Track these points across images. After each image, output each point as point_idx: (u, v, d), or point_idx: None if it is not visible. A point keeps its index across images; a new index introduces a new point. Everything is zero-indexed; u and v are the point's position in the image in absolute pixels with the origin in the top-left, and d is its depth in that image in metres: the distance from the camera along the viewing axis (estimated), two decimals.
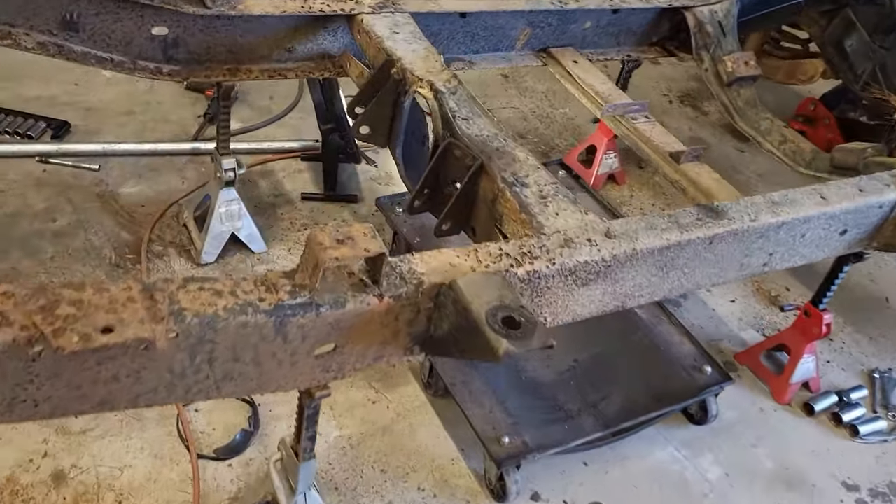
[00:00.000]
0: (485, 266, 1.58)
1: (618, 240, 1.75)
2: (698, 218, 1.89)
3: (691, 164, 2.45)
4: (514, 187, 1.83)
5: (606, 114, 2.60)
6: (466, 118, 1.98)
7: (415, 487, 2.11)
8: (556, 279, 1.67)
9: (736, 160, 3.92)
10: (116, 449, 2.07)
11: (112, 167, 2.96)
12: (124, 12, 2.12)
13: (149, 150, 3.01)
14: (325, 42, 2.47)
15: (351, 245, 1.38)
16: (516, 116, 3.86)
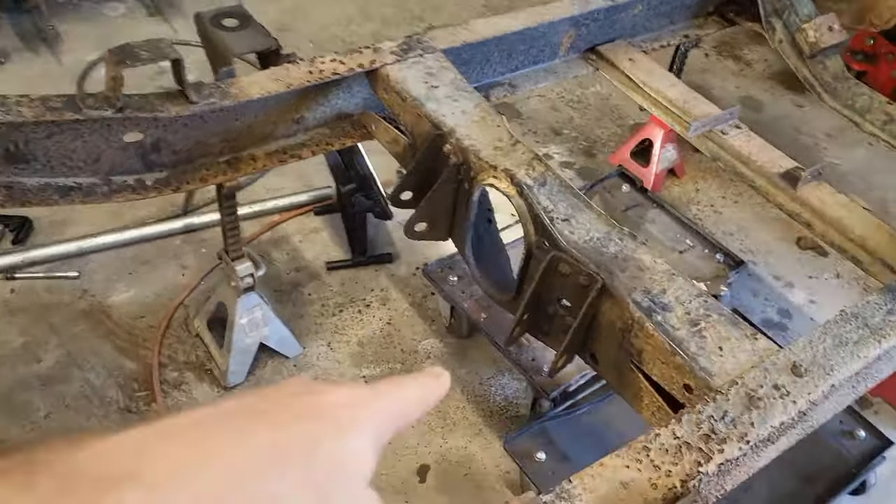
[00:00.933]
0: (665, 473, 1.14)
1: (809, 377, 1.31)
2: (890, 311, 1.45)
3: (811, 188, 1.99)
4: (655, 315, 1.37)
5: (695, 133, 2.12)
6: (567, 218, 1.50)
7: None
8: (748, 456, 1.24)
9: (797, 119, 3.44)
10: None
11: (93, 269, 2.44)
12: (85, 127, 1.60)
13: (134, 238, 2.50)
14: (339, 102, 1.95)
15: None
16: (545, 107, 3.34)
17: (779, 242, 2.82)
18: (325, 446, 0.47)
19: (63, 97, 1.55)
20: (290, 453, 0.45)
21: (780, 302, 2.61)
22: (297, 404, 0.49)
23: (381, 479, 2.01)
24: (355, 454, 0.49)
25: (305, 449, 0.46)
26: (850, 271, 2.73)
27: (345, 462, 0.48)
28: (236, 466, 0.43)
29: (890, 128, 2.42)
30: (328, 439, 0.47)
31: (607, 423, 2.05)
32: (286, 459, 0.44)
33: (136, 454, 0.43)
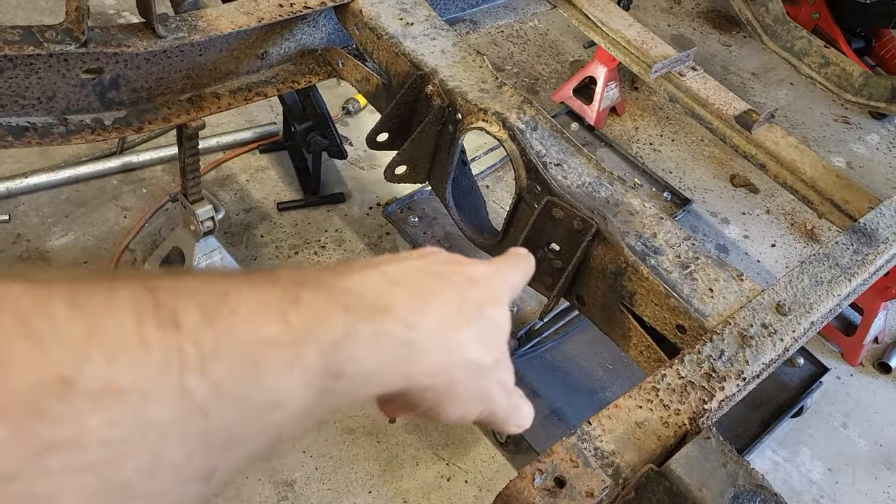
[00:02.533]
0: (675, 412, 1.20)
1: (793, 315, 1.39)
2: (856, 251, 1.55)
3: (764, 130, 2.07)
4: (648, 258, 1.41)
5: (655, 75, 2.15)
6: (559, 163, 1.50)
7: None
8: (741, 392, 1.32)
9: (725, 58, 3.54)
10: None
11: (25, 212, 2.27)
12: (40, 62, 1.47)
13: (69, 178, 2.33)
14: (304, 37, 1.87)
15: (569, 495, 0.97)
16: (485, 41, 3.30)
17: (714, 180, 2.94)
18: (489, 311, 0.60)
19: (19, 29, 1.41)
20: (470, 311, 0.58)
21: (718, 237, 2.73)
22: (461, 272, 0.60)
23: (352, 420, 2.02)
24: (505, 321, 0.62)
25: (477, 309, 0.59)
26: (778, 207, 2.88)
27: (500, 325, 0.61)
28: (446, 310, 0.56)
29: (825, 71, 2.54)
30: (488, 305, 0.60)
31: (570, 359, 2.12)
32: (468, 315, 0.58)
33: (387, 291, 0.52)
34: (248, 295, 0.43)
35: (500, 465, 2.01)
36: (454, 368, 0.55)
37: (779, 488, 2.10)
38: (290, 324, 0.43)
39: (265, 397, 0.42)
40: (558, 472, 1.01)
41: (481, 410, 0.61)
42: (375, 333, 0.49)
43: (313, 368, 0.44)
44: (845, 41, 3.43)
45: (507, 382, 0.63)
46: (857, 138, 3.25)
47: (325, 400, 0.46)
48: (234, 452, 0.42)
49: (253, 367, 0.41)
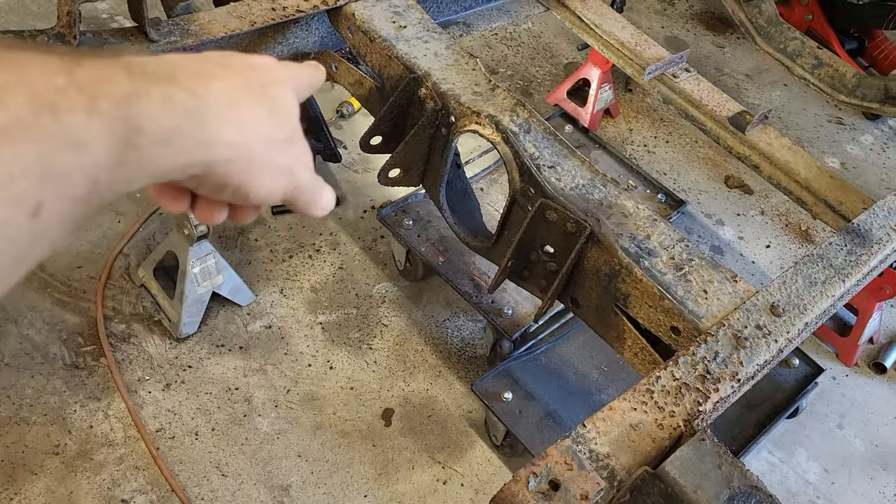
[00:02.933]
0: (669, 414, 1.20)
1: (787, 316, 1.39)
2: (849, 252, 1.55)
3: (758, 132, 2.07)
4: (642, 260, 1.41)
5: (649, 77, 2.15)
6: (553, 165, 1.50)
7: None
8: (736, 393, 1.32)
9: (719, 60, 3.55)
10: None
11: None
12: None
13: None
14: (296, 40, 1.87)
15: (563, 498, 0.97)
16: (479, 44, 3.30)
17: (708, 181, 2.94)
18: (276, 90, 0.62)
19: (10, 33, 1.41)
20: (254, 90, 0.60)
21: (712, 239, 2.73)
22: (240, 61, 0.62)
23: (347, 424, 2.02)
24: (289, 97, 0.64)
25: (262, 89, 0.61)
26: (772, 208, 2.89)
27: (288, 102, 0.64)
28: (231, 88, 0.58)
29: (819, 72, 2.54)
30: (271, 85, 0.62)
31: (564, 361, 2.12)
32: (256, 94, 0.60)
33: (167, 67, 0.54)
34: (32, 54, 0.46)
35: (496, 467, 2.00)
36: (251, 140, 0.58)
37: (775, 489, 2.11)
38: (76, 77, 0.46)
39: (69, 135, 0.45)
40: (553, 475, 1.00)
41: (286, 186, 0.63)
42: (164, 97, 0.51)
43: (110, 116, 0.47)
44: (838, 42, 3.44)
45: (305, 160, 0.66)
46: (850, 139, 3.26)
47: (132, 154, 0.49)
48: (55, 187, 0.45)
49: (49, 107, 0.44)
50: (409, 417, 2.06)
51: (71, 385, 1.96)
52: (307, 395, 2.06)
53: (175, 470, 1.87)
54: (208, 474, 1.88)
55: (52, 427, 1.90)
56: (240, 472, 1.89)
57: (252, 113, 0.59)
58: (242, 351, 2.12)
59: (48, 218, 0.45)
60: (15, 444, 1.85)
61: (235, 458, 1.91)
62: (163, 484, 1.84)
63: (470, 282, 2.15)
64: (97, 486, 1.82)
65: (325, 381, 2.10)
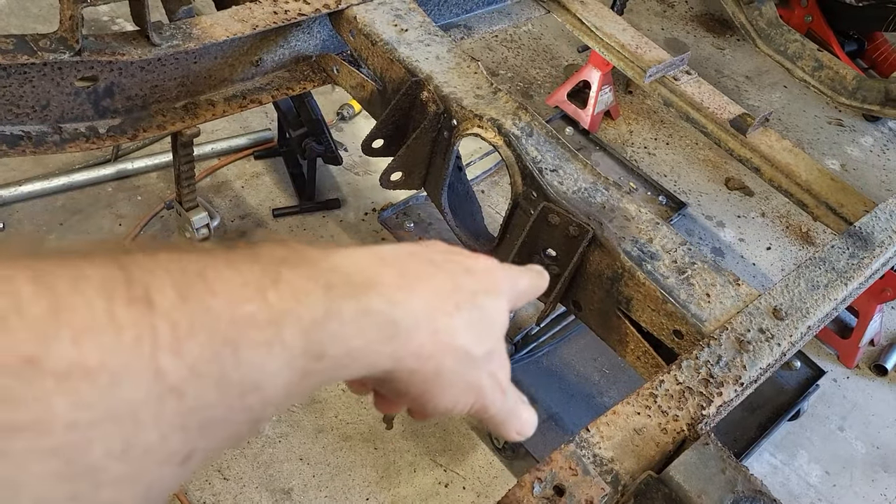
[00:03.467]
0: (673, 418, 1.20)
1: (790, 320, 1.39)
2: (851, 255, 1.55)
3: (759, 134, 2.07)
4: (645, 264, 1.41)
5: (649, 80, 2.15)
6: (555, 169, 1.50)
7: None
8: (739, 397, 1.32)
9: (719, 62, 3.55)
10: None
11: (20, 220, 2.26)
12: (34, 71, 1.46)
13: (63, 186, 2.33)
14: (298, 44, 1.87)
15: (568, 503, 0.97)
16: (479, 46, 3.30)
17: (709, 183, 2.94)
18: (484, 300, 0.58)
19: (13, 38, 1.41)
20: (461, 297, 0.57)
21: (713, 241, 2.74)
22: (458, 261, 0.59)
23: (349, 427, 2.01)
24: (501, 312, 0.61)
25: (471, 297, 0.57)
26: (773, 210, 2.89)
27: (495, 315, 0.60)
28: (435, 294, 0.55)
29: (819, 74, 2.55)
30: (483, 294, 0.59)
31: (567, 364, 2.12)
32: (459, 301, 0.56)
33: (373, 270, 0.51)
34: (225, 273, 0.42)
35: (498, 470, 2.00)
36: (441, 353, 0.54)
37: (776, 492, 2.11)
38: (269, 302, 0.42)
39: (244, 378, 0.40)
40: (557, 481, 1.00)
41: (472, 404, 0.59)
42: (359, 311, 0.47)
43: (294, 348, 0.43)
44: (838, 44, 3.45)
45: (500, 378, 0.61)
46: (850, 141, 3.27)
47: (308, 380, 0.45)
48: (213, 434, 0.40)
49: (230, 347, 0.40)
50: (411, 420, 2.06)
51: None
52: (309, 398, 2.06)
53: None
54: (210, 478, 1.88)
55: None
56: (241, 476, 1.89)
57: (451, 322, 0.54)
58: None
59: (198, 462, 0.40)
60: None
61: (237, 461, 1.91)
62: None
63: None
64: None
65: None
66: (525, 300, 0.68)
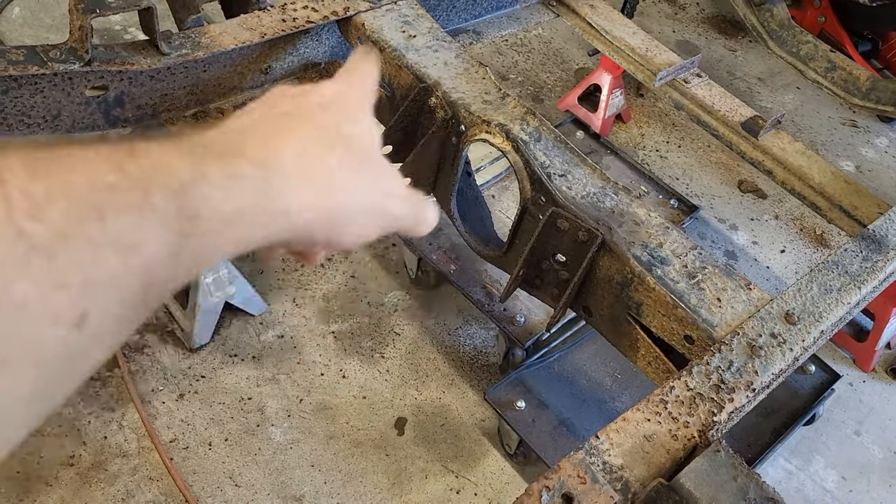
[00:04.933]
0: (684, 424, 1.19)
1: (802, 324, 1.37)
2: (865, 258, 1.53)
3: (771, 136, 2.06)
4: (655, 269, 1.40)
5: (660, 83, 2.14)
6: (563, 174, 1.50)
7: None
8: (751, 403, 1.30)
9: (730, 63, 3.53)
10: None
11: None
12: (45, 81, 1.47)
13: None
14: (307, 51, 1.87)
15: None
16: (489, 51, 3.30)
17: (721, 186, 2.92)
18: (348, 129, 0.59)
19: (23, 49, 1.42)
20: (327, 137, 0.57)
21: (726, 244, 2.71)
22: (310, 101, 0.60)
23: (360, 433, 2.01)
24: (368, 134, 0.61)
25: (336, 133, 0.58)
26: (787, 212, 2.86)
27: (364, 140, 0.60)
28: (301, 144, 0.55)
29: (832, 75, 2.52)
30: (346, 123, 0.59)
31: (578, 369, 2.11)
32: (327, 142, 0.57)
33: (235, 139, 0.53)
34: (79, 153, 0.43)
35: (510, 477, 1.99)
36: (327, 197, 0.55)
37: (792, 497, 2.09)
38: (128, 171, 0.43)
39: (117, 240, 0.42)
40: (566, 489, 1.00)
41: (381, 226, 0.60)
42: (227, 175, 0.48)
43: (165, 210, 0.44)
44: (852, 44, 3.41)
45: (397, 191, 0.62)
46: (865, 142, 3.23)
47: (190, 243, 0.46)
48: (102, 295, 0.42)
49: (94, 212, 0.41)
50: (422, 426, 2.06)
51: (85, 396, 1.97)
52: (320, 404, 2.06)
53: (189, 480, 1.87)
54: (222, 485, 1.88)
55: (66, 438, 1.90)
56: (253, 483, 1.89)
57: (325, 166, 0.55)
58: (255, 360, 2.12)
59: (95, 326, 0.42)
60: (30, 456, 1.86)
61: (249, 468, 1.91)
62: (177, 495, 1.84)
63: (482, 290, 2.15)
64: (111, 497, 1.82)
65: (338, 390, 2.09)
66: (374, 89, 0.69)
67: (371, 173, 0.59)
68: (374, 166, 0.60)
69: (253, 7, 1.74)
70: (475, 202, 1.78)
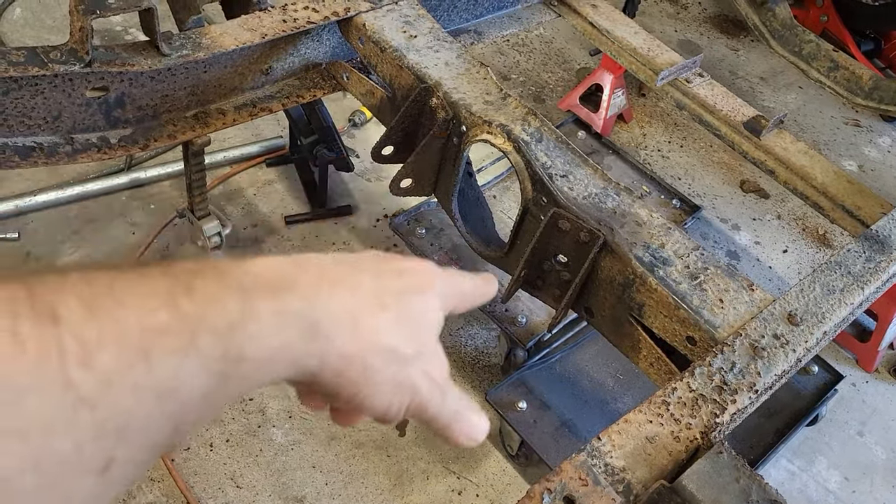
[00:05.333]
0: (686, 426, 1.18)
1: (805, 325, 1.37)
2: (868, 259, 1.52)
3: (773, 136, 2.05)
4: (657, 269, 1.39)
5: (661, 83, 2.14)
6: (565, 174, 1.49)
7: None
8: (754, 404, 1.30)
9: (732, 63, 3.52)
10: None
11: (34, 229, 2.28)
12: (45, 82, 1.47)
13: (77, 195, 2.34)
14: (308, 51, 1.87)
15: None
16: (490, 50, 3.29)
17: (723, 186, 2.91)
18: (411, 298, 0.58)
19: (24, 50, 1.42)
20: (387, 298, 0.56)
21: (729, 244, 2.71)
22: (387, 265, 0.59)
23: (361, 434, 2.01)
24: (431, 307, 0.60)
25: (397, 296, 0.57)
26: (789, 212, 2.86)
27: (424, 312, 0.59)
28: (358, 294, 0.54)
29: (834, 74, 2.52)
30: (411, 293, 0.58)
31: (579, 370, 2.10)
32: (384, 301, 0.55)
33: (289, 272, 0.51)
34: (135, 285, 0.42)
35: (512, 478, 1.99)
36: (367, 351, 0.53)
37: (795, 499, 2.09)
38: (181, 310, 0.42)
39: (158, 385, 0.41)
40: (567, 491, 0.99)
41: (407, 404, 0.58)
42: (275, 311, 0.47)
43: (210, 353, 0.43)
44: (854, 44, 3.41)
45: (436, 377, 0.60)
46: (868, 141, 3.22)
47: (230, 384, 0.45)
48: (132, 440, 0.41)
49: (142, 356, 0.40)
50: (424, 427, 2.05)
51: None
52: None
53: (190, 482, 1.87)
54: (223, 486, 1.88)
55: None
56: (254, 484, 1.89)
57: (373, 321, 0.53)
58: None
59: (120, 471, 0.41)
60: None
61: (250, 469, 1.91)
62: (178, 496, 1.84)
63: None
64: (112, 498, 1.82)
65: None
66: (469, 304, 0.67)
67: (417, 350, 0.57)
68: (425, 344, 0.58)
69: (254, 7, 1.74)
70: (476, 203, 1.77)
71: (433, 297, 0.60)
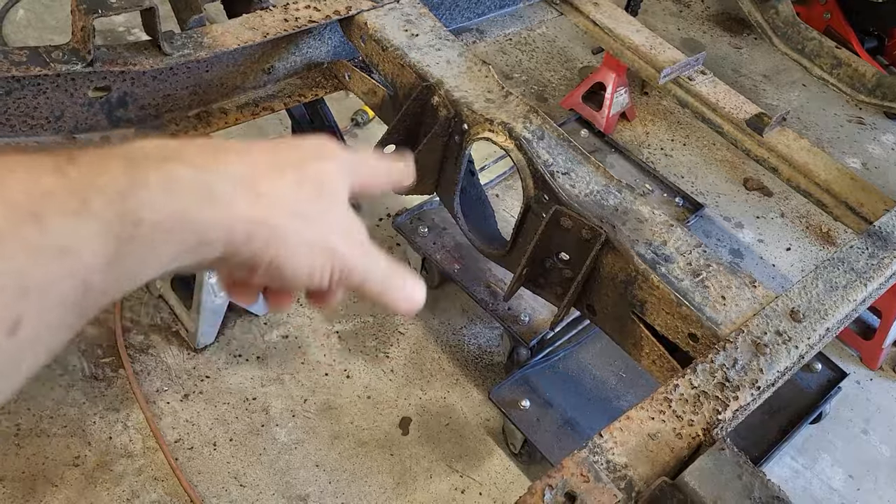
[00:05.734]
0: (688, 423, 1.18)
1: (808, 322, 1.37)
2: (871, 255, 1.52)
3: (776, 134, 2.04)
4: (659, 266, 1.39)
5: (664, 81, 2.13)
6: (567, 172, 1.49)
7: None
8: (756, 401, 1.30)
9: (735, 61, 3.51)
10: None
11: None
12: (48, 82, 1.48)
13: None
14: (310, 50, 1.87)
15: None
16: (493, 49, 3.29)
17: (727, 184, 2.91)
18: (311, 164, 0.57)
19: (26, 50, 1.42)
20: (285, 165, 0.56)
21: (732, 242, 2.70)
22: (285, 142, 0.59)
23: (364, 433, 2.01)
24: (333, 173, 0.58)
25: (297, 164, 0.56)
26: (792, 210, 2.85)
27: (326, 175, 0.58)
28: (254, 163, 0.54)
29: (837, 72, 2.51)
30: (311, 160, 0.57)
31: (582, 368, 2.10)
32: (282, 168, 0.55)
33: (175, 146, 0.51)
34: (23, 160, 0.44)
35: (515, 476, 1.99)
36: (272, 214, 0.53)
37: (799, 496, 2.08)
38: (68, 176, 0.44)
39: (55, 244, 0.42)
40: (569, 488, 0.99)
41: (330, 268, 0.57)
42: (164, 178, 0.48)
43: (104, 216, 0.44)
44: (858, 41, 3.40)
45: (356, 238, 0.59)
46: (871, 139, 3.22)
47: (131, 249, 0.46)
48: (37, 300, 0.42)
49: (31, 217, 0.41)
50: (427, 426, 2.05)
51: (90, 396, 1.97)
52: (324, 404, 2.06)
53: (194, 481, 1.87)
54: (227, 485, 1.88)
55: (71, 439, 1.91)
56: (258, 483, 1.89)
57: (271, 184, 0.53)
58: (260, 361, 2.12)
59: (30, 332, 0.42)
60: (35, 456, 1.86)
61: (253, 468, 1.91)
62: (182, 495, 1.84)
63: (486, 289, 2.14)
64: (117, 498, 1.83)
65: (342, 390, 2.09)
66: (381, 181, 0.65)
67: (324, 210, 0.56)
68: (333, 206, 0.57)
69: (255, 6, 1.74)
70: (478, 201, 1.77)
71: (335, 165, 0.58)
